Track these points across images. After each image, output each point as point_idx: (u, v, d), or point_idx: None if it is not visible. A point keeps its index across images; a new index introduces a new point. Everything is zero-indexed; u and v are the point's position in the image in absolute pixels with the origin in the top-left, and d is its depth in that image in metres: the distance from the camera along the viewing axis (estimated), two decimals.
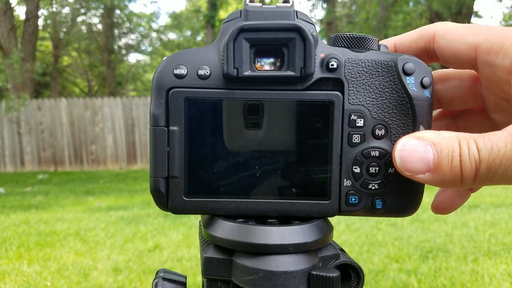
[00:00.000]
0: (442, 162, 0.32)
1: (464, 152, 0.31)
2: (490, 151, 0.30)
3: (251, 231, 0.37)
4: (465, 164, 0.31)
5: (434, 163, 0.32)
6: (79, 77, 17.25)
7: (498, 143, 0.30)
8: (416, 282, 2.59)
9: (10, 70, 8.17)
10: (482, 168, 0.31)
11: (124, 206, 5.19)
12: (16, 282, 2.73)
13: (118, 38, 15.25)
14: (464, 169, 0.31)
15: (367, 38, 0.39)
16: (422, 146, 0.33)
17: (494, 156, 0.30)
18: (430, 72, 0.38)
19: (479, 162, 0.31)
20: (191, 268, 2.93)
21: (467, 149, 0.31)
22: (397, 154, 0.35)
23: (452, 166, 0.32)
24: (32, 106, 8.95)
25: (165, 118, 0.38)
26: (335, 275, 0.36)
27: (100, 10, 13.53)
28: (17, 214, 4.79)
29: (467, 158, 0.31)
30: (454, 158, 0.32)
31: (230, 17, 0.40)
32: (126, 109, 9.17)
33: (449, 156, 0.32)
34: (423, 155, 0.33)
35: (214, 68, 0.37)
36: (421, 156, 0.33)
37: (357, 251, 3.17)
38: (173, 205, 0.40)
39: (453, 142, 0.32)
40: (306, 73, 0.36)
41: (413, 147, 0.34)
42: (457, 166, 0.31)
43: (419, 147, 0.33)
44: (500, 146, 0.30)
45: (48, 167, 9.20)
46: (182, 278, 0.43)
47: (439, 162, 0.32)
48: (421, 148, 0.33)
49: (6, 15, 9.50)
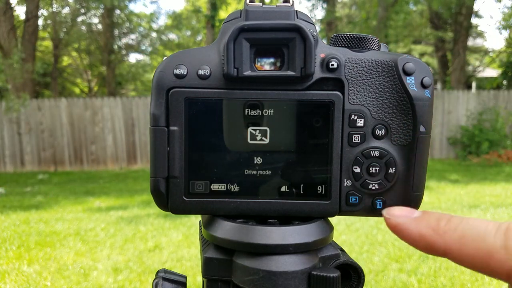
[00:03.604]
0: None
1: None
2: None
3: (251, 231, 0.37)
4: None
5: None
6: (79, 77, 17.24)
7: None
8: (416, 282, 2.59)
9: (10, 70, 8.16)
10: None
11: (124, 206, 5.19)
12: (16, 282, 2.73)
13: (118, 38, 15.23)
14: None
15: (367, 38, 0.39)
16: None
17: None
18: (430, 72, 0.38)
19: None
20: (191, 268, 2.93)
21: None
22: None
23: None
24: (32, 106, 8.94)
25: (165, 118, 0.38)
26: (335, 275, 0.35)
27: (100, 10, 13.52)
28: (17, 214, 4.78)
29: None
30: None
31: (230, 17, 0.40)
32: (126, 109, 9.16)
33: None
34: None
35: (214, 68, 0.37)
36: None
37: (357, 251, 3.17)
38: (173, 205, 0.40)
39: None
40: (306, 73, 0.36)
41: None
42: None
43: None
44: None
45: (48, 167, 9.19)
46: (182, 278, 0.43)
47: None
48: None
49: (6, 15, 9.49)
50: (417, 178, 0.39)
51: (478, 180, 6.57)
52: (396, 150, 0.39)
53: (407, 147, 0.38)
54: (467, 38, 11.81)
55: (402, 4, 10.66)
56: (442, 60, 14.24)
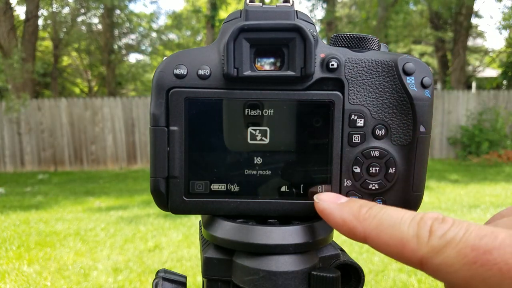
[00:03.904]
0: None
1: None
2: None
3: (251, 231, 0.37)
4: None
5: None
6: (79, 77, 17.24)
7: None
8: (416, 282, 2.59)
9: (10, 70, 8.16)
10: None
11: (124, 206, 5.19)
12: (16, 282, 2.73)
13: (118, 38, 15.23)
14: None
15: (367, 38, 0.39)
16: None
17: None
18: (430, 72, 0.38)
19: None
20: (191, 268, 2.93)
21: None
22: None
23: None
24: (32, 106, 8.94)
25: (165, 118, 0.38)
26: (335, 275, 0.35)
27: (100, 10, 13.52)
28: (17, 214, 4.78)
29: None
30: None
31: (230, 17, 0.39)
32: (126, 109, 9.17)
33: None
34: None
35: (214, 68, 0.37)
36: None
37: (357, 251, 3.17)
38: (173, 205, 0.40)
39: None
40: (306, 73, 0.36)
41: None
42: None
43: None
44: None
45: (48, 167, 9.20)
46: (182, 278, 0.43)
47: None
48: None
49: (6, 15, 9.49)
50: (417, 178, 0.39)
51: (478, 180, 6.57)
52: (396, 150, 0.39)
53: (407, 147, 0.38)
54: (467, 38, 11.82)
55: (402, 4, 10.66)
56: (442, 60, 14.25)
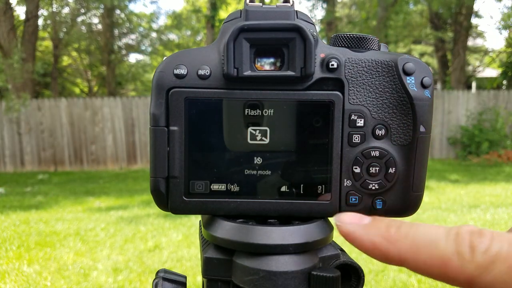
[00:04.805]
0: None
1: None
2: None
3: (251, 231, 0.37)
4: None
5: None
6: (79, 77, 17.24)
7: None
8: (416, 282, 2.59)
9: (10, 70, 8.16)
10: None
11: (124, 206, 5.18)
12: (16, 282, 2.73)
13: (118, 38, 15.23)
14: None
15: (367, 38, 0.39)
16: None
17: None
18: (430, 72, 0.38)
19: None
20: (191, 268, 2.92)
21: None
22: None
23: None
24: (32, 106, 8.94)
25: (165, 118, 0.38)
26: (335, 275, 0.35)
27: (100, 10, 13.51)
28: (17, 214, 4.78)
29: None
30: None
31: (230, 17, 0.40)
32: (126, 109, 9.16)
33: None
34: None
35: (214, 68, 0.37)
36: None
37: (357, 251, 3.14)
38: (173, 205, 0.40)
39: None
40: (306, 73, 0.36)
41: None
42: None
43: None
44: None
45: (48, 167, 9.19)
46: (182, 278, 0.43)
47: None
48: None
49: (6, 15, 9.48)
50: (417, 178, 0.39)
51: (478, 180, 6.57)
52: (396, 150, 0.39)
53: (407, 147, 0.38)
54: (467, 38, 11.81)
55: (402, 4, 10.65)
56: (442, 60, 14.24)
